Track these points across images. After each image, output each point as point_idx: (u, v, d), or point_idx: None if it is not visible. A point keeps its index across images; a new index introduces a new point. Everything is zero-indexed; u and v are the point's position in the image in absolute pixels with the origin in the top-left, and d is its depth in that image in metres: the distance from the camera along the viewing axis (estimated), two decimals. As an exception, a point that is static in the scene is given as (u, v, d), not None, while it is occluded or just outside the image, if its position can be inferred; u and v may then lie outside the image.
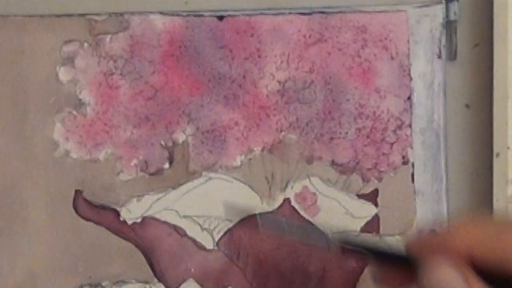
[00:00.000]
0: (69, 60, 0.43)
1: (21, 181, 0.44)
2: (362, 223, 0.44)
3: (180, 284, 0.44)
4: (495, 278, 0.33)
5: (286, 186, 0.44)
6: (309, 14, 0.43)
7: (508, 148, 0.42)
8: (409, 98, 0.43)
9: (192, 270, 0.44)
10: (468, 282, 0.33)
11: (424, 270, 0.34)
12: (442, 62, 0.43)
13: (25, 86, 0.44)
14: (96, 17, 0.43)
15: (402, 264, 0.34)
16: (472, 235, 0.33)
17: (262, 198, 0.44)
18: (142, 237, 0.44)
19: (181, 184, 0.44)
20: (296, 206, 0.44)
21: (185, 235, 0.44)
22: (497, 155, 0.42)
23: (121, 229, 0.44)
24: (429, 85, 0.43)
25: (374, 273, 0.36)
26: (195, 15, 0.43)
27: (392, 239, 0.44)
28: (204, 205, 0.44)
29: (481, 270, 0.33)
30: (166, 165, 0.44)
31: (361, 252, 0.35)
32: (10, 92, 0.44)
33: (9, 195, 0.44)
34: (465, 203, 0.44)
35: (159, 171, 0.44)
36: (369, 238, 0.37)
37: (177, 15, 0.43)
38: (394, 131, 0.43)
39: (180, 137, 0.44)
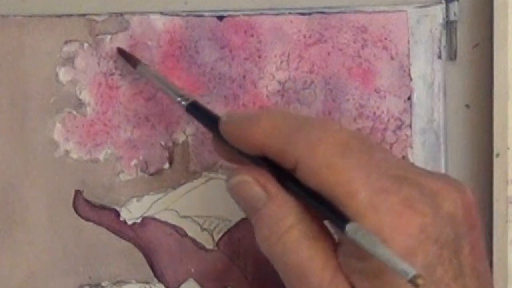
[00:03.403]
0: (69, 61, 0.43)
1: (21, 181, 0.44)
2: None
3: (180, 284, 0.44)
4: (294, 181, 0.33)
5: (286, 186, 0.44)
6: (309, 14, 0.43)
7: (508, 148, 0.42)
8: (409, 98, 0.43)
9: (192, 270, 0.44)
10: (264, 186, 0.34)
11: (229, 175, 0.35)
12: (442, 62, 0.43)
13: (25, 86, 0.44)
14: (96, 17, 0.43)
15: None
16: (267, 133, 0.33)
17: (262, 198, 0.44)
18: (142, 237, 0.44)
19: (181, 184, 0.44)
20: (296, 206, 0.44)
21: (185, 235, 0.44)
22: (497, 155, 0.42)
23: (121, 229, 0.44)
24: (429, 85, 0.43)
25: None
26: (195, 15, 0.43)
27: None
28: (204, 205, 0.44)
29: (279, 168, 0.34)
30: (166, 165, 0.44)
31: (203, 123, 0.39)
32: (10, 92, 0.44)
33: (9, 195, 0.44)
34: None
35: (159, 171, 0.44)
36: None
37: (177, 15, 0.43)
38: (394, 132, 0.43)
39: (180, 137, 0.44)
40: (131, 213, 0.44)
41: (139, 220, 0.44)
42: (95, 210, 0.44)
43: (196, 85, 0.43)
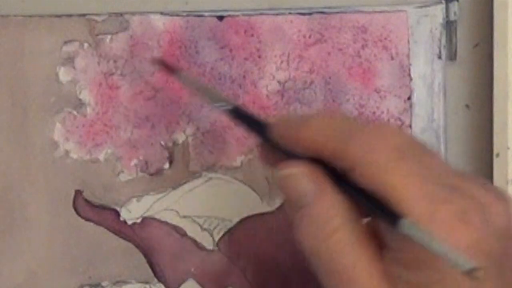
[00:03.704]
0: (69, 60, 0.44)
1: (21, 181, 0.44)
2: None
3: (180, 284, 0.44)
4: (347, 183, 0.33)
5: (286, 186, 0.44)
6: (309, 14, 0.43)
7: (508, 148, 0.42)
8: (409, 98, 0.43)
9: (192, 270, 0.44)
10: (316, 182, 0.33)
11: (278, 168, 0.34)
12: (442, 62, 0.43)
13: (25, 86, 0.44)
14: (96, 17, 0.43)
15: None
16: (321, 134, 0.33)
17: (262, 198, 0.44)
18: (142, 237, 0.44)
19: (181, 184, 0.44)
20: (296, 206, 0.44)
21: (185, 235, 0.44)
22: (497, 155, 0.42)
23: (121, 229, 0.44)
24: (429, 85, 0.43)
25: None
26: (195, 15, 0.43)
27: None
28: (204, 205, 0.44)
29: (332, 170, 0.33)
30: (166, 165, 0.44)
31: (248, 127, 0.38)
32: (10, 92, 0.44)
33: (9, 195, 0.44)
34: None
35: (159, 171, 0.44)
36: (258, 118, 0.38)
37: (177, 15, 0.43)
38: (394, 131, 0.43)
39: (180, 137, 0.44)
40: (131, 213, 0.44)
41: (139, 220, 0.44)
42: (95, 210, 0.44)
43: (196, 85, 0.43)
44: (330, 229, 0.32)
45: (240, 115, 0.38)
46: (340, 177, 0.33)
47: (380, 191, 0.31)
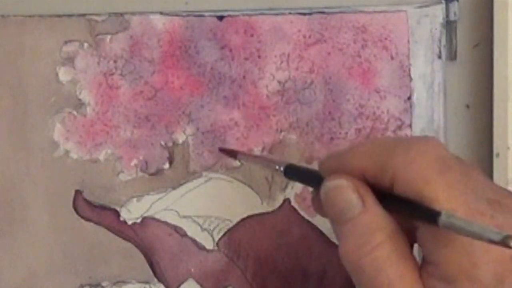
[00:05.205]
0: (69, 60, 0.44)
1: (21, 181, 0.44)
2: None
3: (180, 284, 0.44)
4: (388, 197, 0.33)
5: (286, 186, 0.44)
6: (309, 14, 0.43)
7: (508, 148, 0.42)
8: (409, 98, 0.43)
9: (192, 270, 0.44)
10: (361, 195, 0.33)
11: (326, 180, 0.34)
12: (442, 62, 0.43)
13: (25, 86, 0.44)
14: (96, 17, 0.43)
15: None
16: (364, 154, 0.33)
17: (262, 198, 0.44)
18: (142, 237, 0.44)
19: (181, 184, 0.44)
20: (296, 206, 0.44)
21: (185, 235, 0.44)
22: (497, 155, 0.42)
23: (121, 229, 0.44)
24: (429, 85, 0.43)
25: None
26: (195, 15, 0.43)
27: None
28: (204, 205, 0.44)
29: (375, 189, 0.33)
30: (166, 165, 0.44)
31: (303, 181, 0.39)
32: (10, 92, 0.44)
33: (9, 195, 0.44)
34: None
35: (159, 171, 0.44)
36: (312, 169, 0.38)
37: (177, 15, 0.43)
38: (394, 132, 0.43)
39: (180, 137, 0.44)
40: (131, 213, 0.44)
41: (139, 220, 0.44)
42: (95, 210, 0.44)
43: (196, 85, 0.43)
44: (374, 242, 0.32)
45: (295, 171, 0.38)
46: (382, 194, 0.33)
47: (421, 202, 0.31)
